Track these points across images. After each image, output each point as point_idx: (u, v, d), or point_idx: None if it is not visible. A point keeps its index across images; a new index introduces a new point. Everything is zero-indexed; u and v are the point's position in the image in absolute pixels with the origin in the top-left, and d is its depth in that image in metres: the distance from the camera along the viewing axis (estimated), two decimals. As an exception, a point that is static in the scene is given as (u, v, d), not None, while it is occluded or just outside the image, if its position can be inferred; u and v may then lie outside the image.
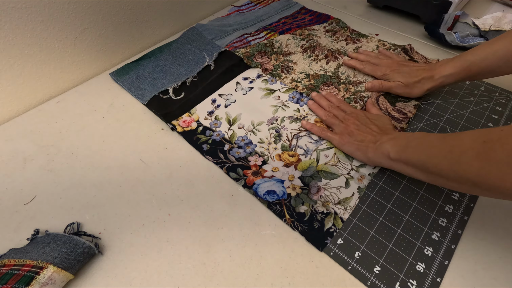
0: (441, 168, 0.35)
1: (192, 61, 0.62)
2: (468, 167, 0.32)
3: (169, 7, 0.67)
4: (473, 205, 0.42)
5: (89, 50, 0.58)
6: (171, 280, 0.36)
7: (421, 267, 0.37)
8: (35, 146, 0.49)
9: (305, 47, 0.63)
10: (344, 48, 0.65)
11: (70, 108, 0.54)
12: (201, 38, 0.65)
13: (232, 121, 0.52)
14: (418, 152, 0.38)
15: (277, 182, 0.44)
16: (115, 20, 0.59)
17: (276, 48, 0.63)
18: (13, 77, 0.51)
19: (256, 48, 0.63)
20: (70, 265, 0.34)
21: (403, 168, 0.40)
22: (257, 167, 0.46)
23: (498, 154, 0.30)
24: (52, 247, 0.34)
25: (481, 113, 0.53)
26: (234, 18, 0.72)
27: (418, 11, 0.71)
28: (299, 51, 0.63)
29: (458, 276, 0.36)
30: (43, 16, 0.49)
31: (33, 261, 0.32)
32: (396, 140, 0.42)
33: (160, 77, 0.59)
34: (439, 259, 0.37)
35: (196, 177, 0.45)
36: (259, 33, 0.68)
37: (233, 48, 0.64)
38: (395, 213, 0.41)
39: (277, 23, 0.72)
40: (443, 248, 0.38)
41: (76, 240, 0.35)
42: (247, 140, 0.49)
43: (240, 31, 0.69)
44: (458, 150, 0.33)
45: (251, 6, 0.77)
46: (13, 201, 0.42)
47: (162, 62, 0.61)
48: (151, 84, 0.57)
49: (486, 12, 0.76)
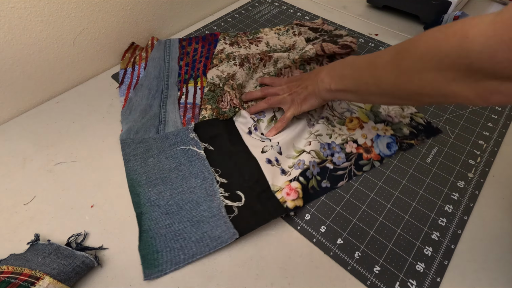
0: (369, 88, 0.39)
1: (188, 165, 0.45)
2: (386, 79, 0.36)
3: (169, 7, 0.67)
4: (473, 205, 0.42)
5: (89, 50, 0.58)
6: (171, 280, 0.36)
7: (421, 267, 0.37)
8: (35, 146, 0.48)
9: (240, 62, 0.58)
10: (258, 49, 0.64)
11: (70, 108, 0.54)
12: (167, 140, 0.48)
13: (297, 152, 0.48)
14: (352, 78, 0.41)
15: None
16: (115, 20, 0.59)
17: (222, 84, 0.55)
18: (12, 77, 0.51)
19: (211, 100, 0.53)
20: (67, 277, 0.33)
21: (343, 95, 0.44)
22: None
23: (406, 62, 0.33)
24: (52, 258, 0.34)
25: (481, 113, 0.53)
26: (139, 93, 0.55)
27: (417, 11, 0.71)
28: (238, 70, 0.57)
29: (458, 276, 0.36)
30: (43, 16, 0.49)
31: (31, 271, 0.32)
32: (331, 71, 0.44)
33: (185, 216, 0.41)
34: (439, 259, 0.37)
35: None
36: (185, 89, 0.56)
37: (192, 120, 0.51)
38: (395, 213, 0.41)
39: (185, 69, 0.59)
40: (443, 248, 0.38)
41: (78, 254, 0.35)
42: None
43: (167, 101, 0.54)
44: (380, 66, 0.37)
45: (129, 73, 0.58)
46: (13, 201, 0.42)
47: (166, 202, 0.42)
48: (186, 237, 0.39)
49: (485, 12, 0.76)
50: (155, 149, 0.47)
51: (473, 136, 0.50)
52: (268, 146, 0.47)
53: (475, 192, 0.43)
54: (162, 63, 0.60)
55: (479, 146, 0.49)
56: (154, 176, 0.44)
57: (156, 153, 0.47)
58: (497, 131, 0.50)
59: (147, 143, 0.48)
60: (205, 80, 0.57)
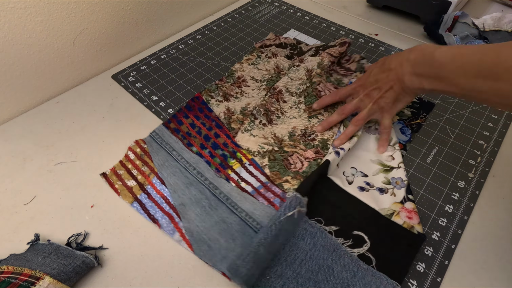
0: (486, 97, 0.34)
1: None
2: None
3: (169, 7, 0.67)
4: (473, 205, 0.42)
5: (89, 50, 0.58)
6: (171, 280, 0.36)
7: (421, 267, 0.37)
8: (35, 146, 0.48)
9: (265, 117, 0.51)
10: (254, 90, 0.57)
11: (70, 108, 0.54)
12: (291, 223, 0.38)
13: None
14: (455, 84, 0.36)
15: None
16: (115, 20, 0.59)
17: (277, 147, 0.48)
18: (12, 77, 0.51)
19: (282, 170, 0.45)
20: (68, 277, 0.33)
21: (445, 92, 0.39)
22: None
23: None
24: (52, 258, 0.34)
25: (481, 113, 0.53)
26: (191, 217, 0.41)
27: (417, 11, 0.71)
28: (269, 126, 0.50)
29: (458, 276, 0.36)
30: (42, 16, 0.49)
31: (32, 271, 0.32)
32: (416, 69, 0.40)
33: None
34: (439, 259, 0.37)
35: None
36: (234, 175, 0.45)
37: (282, 199, 0.42)
38: (395, 213, 0.41)
39: (207, 153, 0.47)
40: (443, 248, 0.38)
41: (78, 254, 0.35)
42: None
43: (230, 200, 0.42)
44: (504, 78, 0.31)
45: (148, 201, 0.42)
46: (13, 201, 0.42)
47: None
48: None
49: (485, 12, 0.76)
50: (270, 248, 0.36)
51: (474, 136, 0.50)
52: (350, 176, 0.44)
53: (476, 192, 0.43)
54: (177, 164, 0.46)
55: (480, 146, 0.49)
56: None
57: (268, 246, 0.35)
58: (497, 131, 0.50)
59: (260, 253, 0.34)
60: (246, 151, 0.47)
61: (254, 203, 0.42)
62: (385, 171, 0.45)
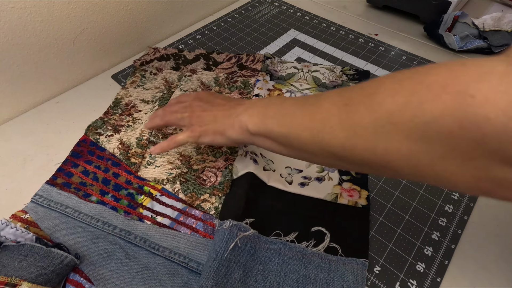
0: (303, 142, 0.29)
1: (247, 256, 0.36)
2: (332, 137, 0.26)
3: (169, 7, 0.67)
4: (473, 205, 0.42)
5: (89, 50, 0.58)
6: (171, 280, 0.36)
7: (421, 267, 0.37)
8: (35, 146, 0.48)
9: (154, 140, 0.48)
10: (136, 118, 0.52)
11: (70, 108, 0.54)
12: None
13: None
14: (278, 122, 0.31)
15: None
16: (115, 20, 0.59)
17: (186, 168, 0.45)
18: (12, 77, 0.51)
19: (197, 189, 0.42)
20: (48, 279, 0.32)
21: (265, 142, 0.33)
22: None
23: (364, 119, 0.23)
24: (29, 261, 0.32)
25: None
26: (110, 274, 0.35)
27: (417, 11, 0.71)
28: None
29: (458, 276, 0.36)
30: (42, 16, 0.49)
31: (7, 278, 0.31)
32: (252, 109, 0.34)
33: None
34: (439, 259, 0.37)
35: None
36: (147, 212, 0.40)
37: (209, 223, 0.39)
38: (395, 213, 0.41)
39: (110, 197, 0.41)
40: (443, 248, 0.38)
41: (55, 253, 0.34)
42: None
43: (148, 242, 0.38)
44: (319, 118, 0.27)
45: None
46: (13, 202, 0.42)
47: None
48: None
49: (485, 12, 0.76)
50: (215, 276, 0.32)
51: (473, 136, 0.50)
52: (288, 176, 0.44)
53: (475, 192, 0.43)
54: (74, 221, 0.39)
55: (479, 146, 0.48)
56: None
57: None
58: (497, 131, 0.50)
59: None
60: (153, 182, 0.43)
61: (175, 236, 0.38)
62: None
